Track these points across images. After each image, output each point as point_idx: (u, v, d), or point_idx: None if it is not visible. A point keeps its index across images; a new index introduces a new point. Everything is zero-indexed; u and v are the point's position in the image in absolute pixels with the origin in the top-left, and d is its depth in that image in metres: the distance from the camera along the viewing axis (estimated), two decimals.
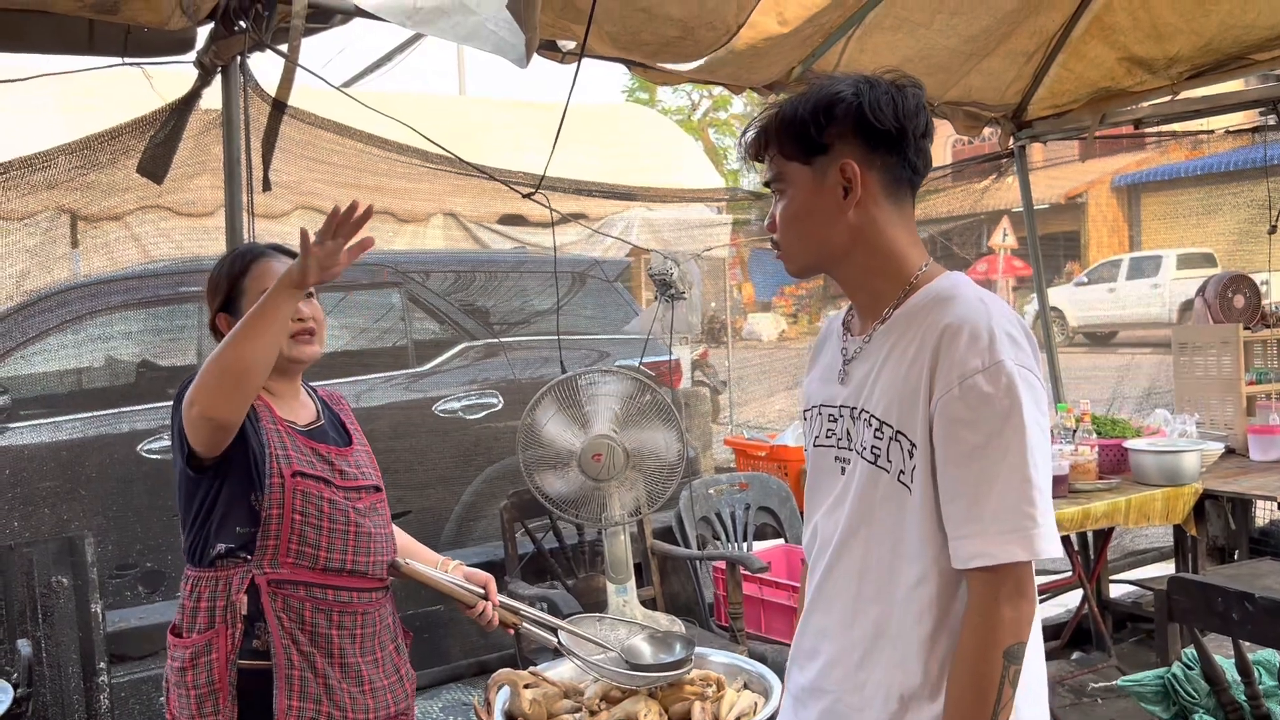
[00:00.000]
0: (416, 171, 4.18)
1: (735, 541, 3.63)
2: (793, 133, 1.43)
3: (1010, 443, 1.29)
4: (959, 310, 1.35)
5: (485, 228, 7.07)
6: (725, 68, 3.21)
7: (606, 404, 2.87)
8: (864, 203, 1.42)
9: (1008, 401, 1.29)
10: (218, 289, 2.12)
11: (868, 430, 1.41)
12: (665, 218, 7.40)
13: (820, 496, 1.52)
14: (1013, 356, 1.31)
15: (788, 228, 1.48)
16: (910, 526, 1.36)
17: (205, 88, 2.81)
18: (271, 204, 3.51)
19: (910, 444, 1.35)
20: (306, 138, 3.16)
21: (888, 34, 3.76)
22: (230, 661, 1.93)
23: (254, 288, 2.07)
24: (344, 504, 2.06)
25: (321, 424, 2.18)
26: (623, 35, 2.74)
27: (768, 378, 8.01)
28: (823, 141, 1.41)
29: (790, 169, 1.45)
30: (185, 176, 3.05)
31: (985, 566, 1.29)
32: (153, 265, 3.71)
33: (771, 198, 1.52)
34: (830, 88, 1.42)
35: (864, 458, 1.41)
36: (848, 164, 1.41)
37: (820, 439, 1.52)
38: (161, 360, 4.38)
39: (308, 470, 2.03)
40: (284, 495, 1.98)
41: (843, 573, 1.44)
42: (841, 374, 1.49)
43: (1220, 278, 4.63)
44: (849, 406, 1.46)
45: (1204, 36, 3.95)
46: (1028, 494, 1.29)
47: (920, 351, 1.36)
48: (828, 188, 1.42)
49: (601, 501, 3.00)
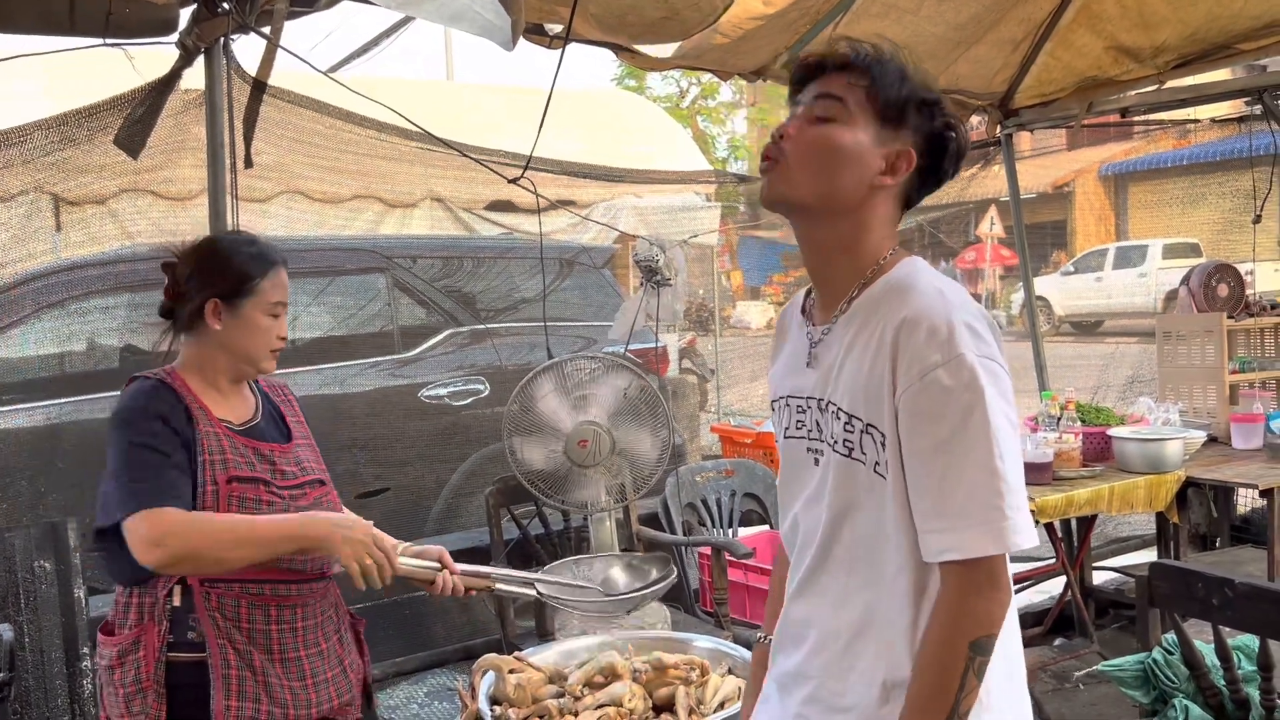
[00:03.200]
0: (402, 155, 4.17)
1: (721, 528, 3.63)
2: (894, 90, 1.39)
3: (976, 436, 1.27)
4: (916, 302, 1.33)
5: (472, 214, 7.03)
6: (711, 53, 3.19)
7: (604, 393, 2.87)
8: (888, 189, 1.41)
9: (970, 395, 1.27)
10: (224, 274, 2.04)
11: (837, 423, 1.40)
12: (654, 204, 7.38)
13: (796, 488, 1.50)
14: (973, 348, 1.29)
15: (812, 151, 1.39)
16: (890, 513, 1.36)
17: (186, 68, 2.79)
18: (254, 186, 3.50)
19: (881, 435, 1.34)
20: (287, 117, 3.15)
21: (875, 20, 3.75)
22: (158, 660, 1.90)
23: (267, 295, 2.04)
24: (280, 508, 1.99)
25: (258, 421, 2.12)
26: (608, 17, 2.73)
27: (751, 361, 8.02)
28: (906, 119, 1.40)
29: (859, 108, 1.39)
30: (165, 155, 3.02)
31: (955, 560, 1.28)
32: (132, 247, 3.68)
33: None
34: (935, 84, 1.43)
35: (836, 450, 1.40)
36: (909, 153, 1.40)
37: (790, 430, 1.50)
38: (146, 344, 4.36)
39: (244, 474, 1.98)
40: (217, 502, 1.92)
41: (834, 565, 1.42)
42: (808, 361, 1.47)
43: (1204, 267, 4.65)
44: (816, 398, 1.45)
45: (1191, 26, 3.95)
46: (995, 487, 1.27)
47: (880, 345, 1.34)
48: (875, 151, 1.39)
49: (582, 484, 3.00)
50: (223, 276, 2.03)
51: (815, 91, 1.40)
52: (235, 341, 2.04)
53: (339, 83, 3.11)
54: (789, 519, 1.53)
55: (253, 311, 2.03)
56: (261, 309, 2.04)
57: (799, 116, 1.41)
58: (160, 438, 1.91)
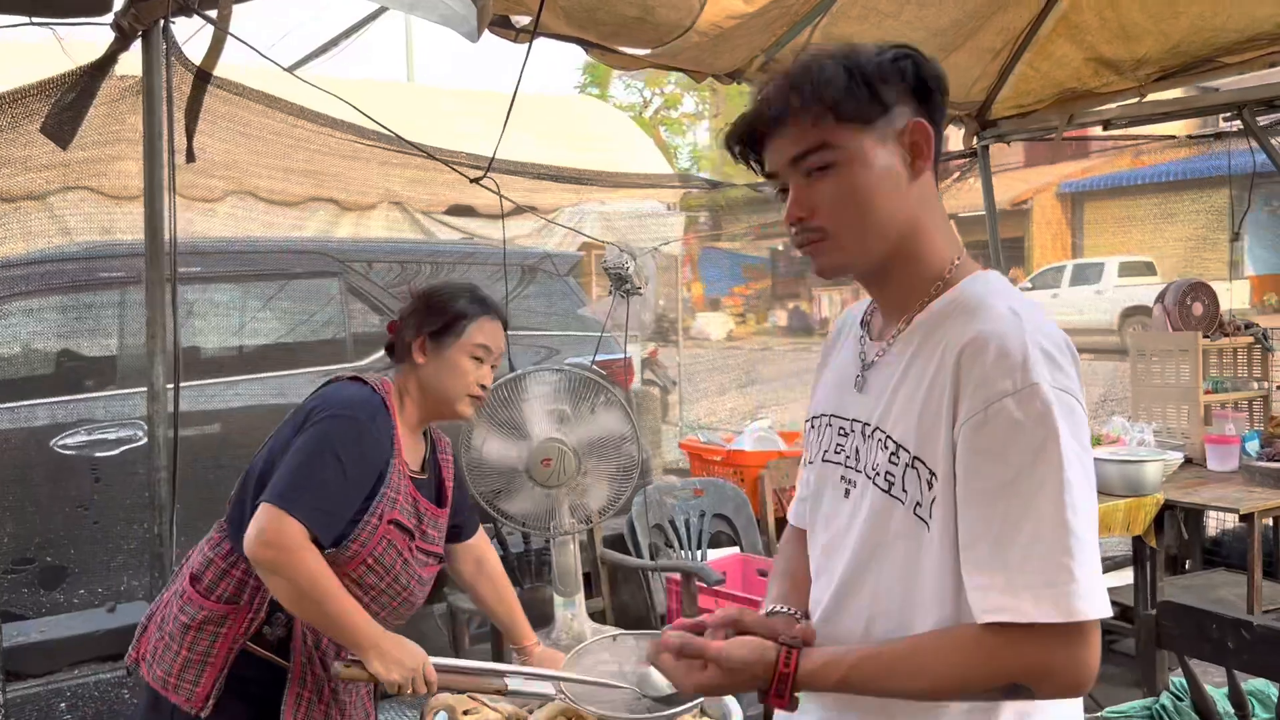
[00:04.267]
0: (358, 154, 3.96)
1: (689, 550, 3.46)
2: (851, 88, 1.19)
3: (1044, 480, 1.09)
4: (986, 322, 1.15)
5: (431, 217, 6.82)
6: (688, 51, 3.04)
7: (540, 405, 2.69)
8: (926, 173, 1.23)
9: (1042, 432, 1.09)
10: (437, 313, 2.12)
11: (881, 453, 1.22)
12: (618, 210, 7.21)
13: (823, 519, 1.33)
14: (1049, 378, 1.11)
15: (845, 208, 1.20)
16: (927, 568, 1.17)
17: (122, 52, 2.57)
18: (202, 184, 3.28)
19: (930, 473, 1.16)
20: (236, 111, 2.93)
21: (855, 24, 3.63)
22: (234, 646, 1.93)
23: (472, 337, 2.10)
24: (413, 568, 2.03)
25: (426, 476, 2.14)
26: (578, 11, 2.56)
27: (719, 374, 7.86)
28: (885, 100, 1.20)
29: (843, 135, 1.19)
30: (99, 148, 2.80)
31: (1005, 624, 1.09)
32: (68, 248, 3.45)
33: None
34: (867, 46, 1.22)
35: (876, 484, 1.22)
36: (919, 123, 1.21)
37: (830, 454, 1.33)
38: (84, 350, 4.11)
39: (402, 520, 2.00)
40: (372, 537, 1.94)
41: (848, 617, 1.24)
42: (858, 381, 1.30)
43: (1179, 285, 4.57)
44: (861, 421, 1.27)
45: (1172, 39, 3.87)
46: (1063, 541, 1.08)
47: (941, 369, 1.17)
48: (889, 155, 1.21)
49: (544, 504, 2.82)
50: (436, 315, 2.11)
51: (787, 155, 1.21)
52: (435, 379, 2.08)
53: (301, 79, 2.92)
54: (816, 544, 1.36)
55: (456, 353, 2.09)
56: (465, 350, 2.09)
57: (800, 187, 1.22)
58: (357, 464, 1.92)
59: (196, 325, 4.25)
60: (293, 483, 1.86)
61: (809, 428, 1.43)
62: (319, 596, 1.84)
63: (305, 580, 1.83)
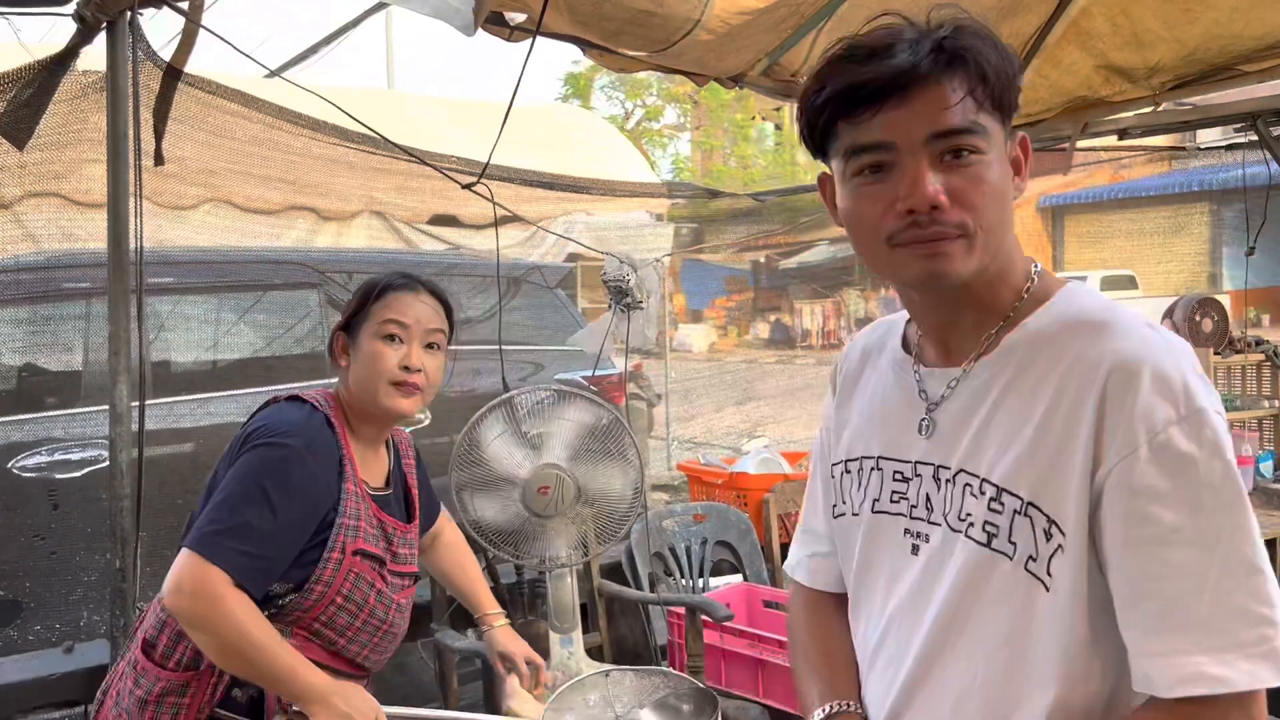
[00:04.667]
0: (341, 160, 3.78)
1: (690, 578, 3.28)
2: (1009, 81, 1.02)
3: (1224, 520, 0.92)
4: (1128, 342, 0.98)
5: (414, 227, 6.63)
6: (691, 52, 2.86)
7: (564, 429, 2.50)
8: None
9: (1219, 465, 0.92)
10: (350, 306, 1.91)
11: (975, 500, 1.03)
12: (608, 221, 7.04)
13: (880, 581, 1.14)
14: (1212, 404, 0.95)
15: (990, 206, 1.01)
16: (1044, 636, 0.98)
17: (85, 45, 2.37)
18: (167, 188, 3.07)
19: (1049, 522, 0.97)
20: (209, 112, 2.74)
21: (863, 27, 3.47)
22: (200, 717, 1.73)
23: (379, 316, 1.86)
24: (388, 596, 1.81)
25: (390, 491, 1.91)
26: (583, 6, 2.38)
27: (717, 390, 7.66)
28: (1015, 105, 1.04)
29: (990, 122, 1.02)
30: (59, 148, 2.59)
31: (1202, 696, 0.90)
32: (27, 256, 3.23)
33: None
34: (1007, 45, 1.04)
35: (969, 536, 1.03)
36: (1023, 138, 1.07)
37: (884, 503, 1.14)
38: (45, 365, 3.88)
39: (369, 548, 1.78)
40: (336, 574, 1.73)
41: (931, 699, 1.05)
42: (925, 422, 1.11)
43: (1189, 300, 4.44)
44: (932, 464, 1.09)
45: (1187, 46, 3.73)
46: (1259, 589, 0.91)
47: (1067, 397, 0.98)
48: (1007, 159, 1.05)
49: (540, 537, 2.62)
50: (347, 308, 1.91)
51: (927, 127, 0.99)
52: (356, 377, 1.86)
53: (287, 80, 2.74)
54: (863, 617, 1.16)
55: (366, 339, 1.85)
56: (372, 332, 1.85)
57: (932, 170, 1.00)
58: (291, 499, 1.68)
59: (168, 339, 4.04)
60: (214, 525, 1.64)
61: (842, 472, 1.22)
62: (248, 649, 1.63)
63: (231, 633, 1.62)
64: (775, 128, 28.52)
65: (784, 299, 25.07)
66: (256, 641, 1.63)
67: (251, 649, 1.62)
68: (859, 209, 1.06)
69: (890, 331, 1.24)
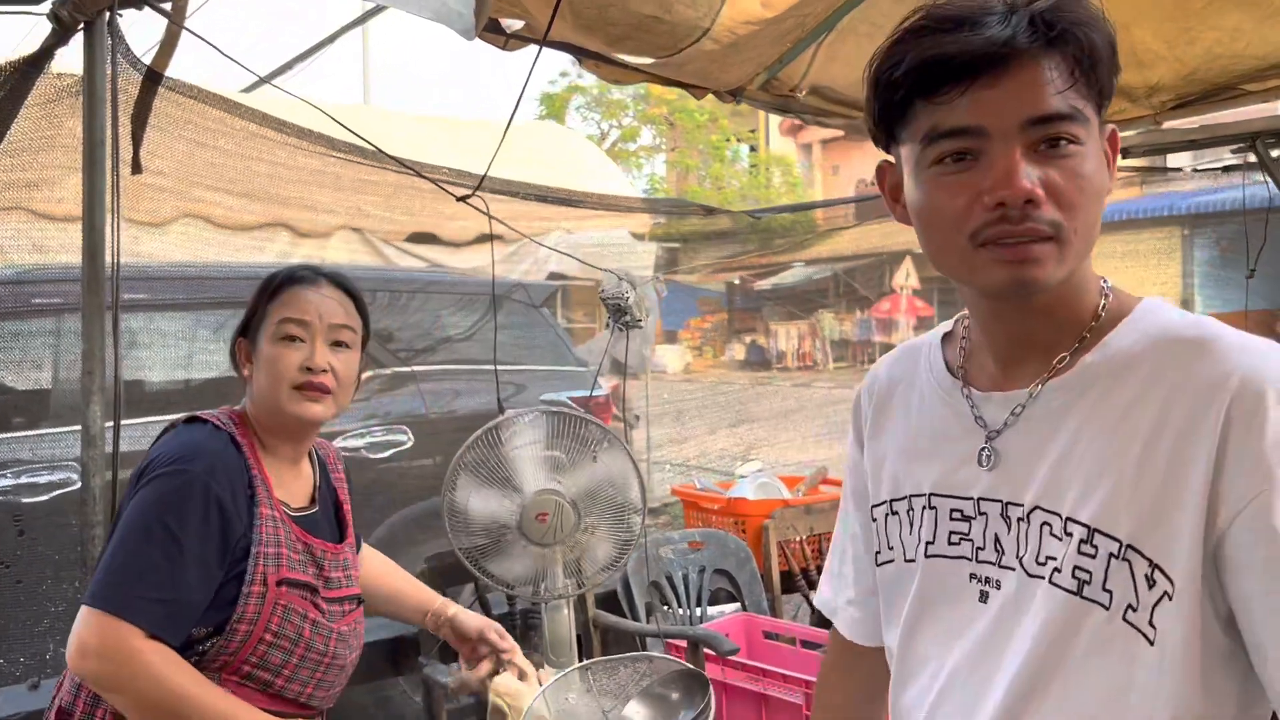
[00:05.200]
0: (324, 175, 3.66)
1: (688, 608, 3.16)
2: (1110, 63, 0.92)
3: None
4: (1242, 359, 0.87)
5: (392, 245, 6.50)
6: (695, 62, 2.77)
7: (530, 453, 2.38)
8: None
9: None
10: (248, 308, 1.77)
11: (1059, 543, 0.92)
12: (586, 240, 6.94)
13: (935, 633, 1.02)
14: None
15: (1086, 206, 0.90)
16: (1142, 694, 0.87)
17: (61, 46, 2.25)
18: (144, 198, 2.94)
19: (1152, 567, 0.87)
20: (188, 115, 2.61)
21: (863, 40, 3.39)
22: None
23: (276, 315, 1.67)
24: (326, 626, 1.63)
25: (315, 510, 1.72)
26: (588, 10, 2.28)
27: (711, 412, 7.55)
28: (1113, 90, 0.93)
29: (1089, 110, 0.91)
30: (30, 154, 2.46)
31: None
32: None
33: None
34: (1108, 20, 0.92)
35: (1054, 583, 0.91)
36: (1114, 130, 0.96)
37: (941, 546, 1.02)
38: (12, 383, 3.72)
39: (296, 576, 1.60)
40: (261, 609, 1.54)
41: None
42: (985, 452, 0.99)
43: None
44: (999, 500, 0.97)
45: (1188, 65, 3.70)
46: None
47: (1169, 425, 0.88)
48: (1103, 155, 0.94)
49: (536, 563, 2.50)
50: (247, 309, 1.76)
51: (1023, 110, 0.89)
52: (259, 386, 1.71)
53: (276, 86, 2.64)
54: (915, 675, 1.03)
55: (264, 341, 1.71)
56: (269, 335, 1.70)
57: (1025, 160, 0.89)
58: (198, 530, 1.51)
59: (139, 357, 3.88)
60: (113, 574, 1.48)
61: (886, 514, 1.10)
62: (176, 703, 1.45)
63: (152, 689, 1.45)
64: (750, 149, 28.62)
65: (759, 320, 25.10)
66: (183, 693, 1.46)
67: (179, 702, 1.45)
68: (937, 201, 0.94)
69: (921, 356, 1.12)
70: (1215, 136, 3.94)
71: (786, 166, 27.22)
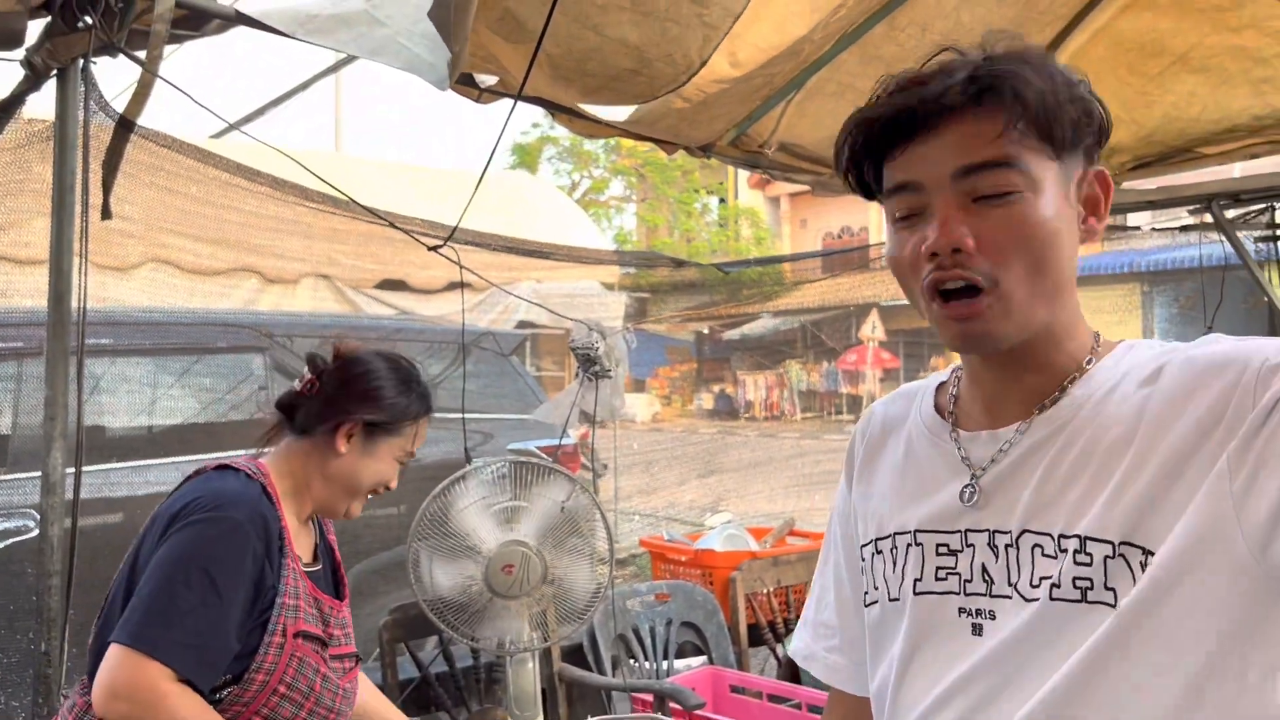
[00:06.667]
0: (296, 224, 3.66)
1: (655, 661, 3.13)
2: (1059, 101, 0.93)
3: None
4: (1186, 346, 0.94)
5: (361, 292, 6.49)
6: (666, 119, 2.82)
7: (536, 506, 2.37)
8: (1092, 236, 0.99)
9: None
10: (378, 401, 1.82)
11: (1054, 561, 0.92)
12: (554, 291, 6.97)
13: (925, 671, 1.01)
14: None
15: (1021, 253, 0.92)
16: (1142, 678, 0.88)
17: (33, 92, 2.25)
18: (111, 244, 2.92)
19: (1145, 554, 0.88)
20: (159, 162, 2.61)
21: (830, 100, 3.47)
22: None
23: (409, 441, 1.87)
24: (334, 682, 1.66)
25: (319, 567, 1.78)
26: (566, 62, 2.31)
27: (680, 464, 7.54)
28: (1082, 131, 0.95)
29: (1032, 158, 0.93)
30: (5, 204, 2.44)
31: None
32: None
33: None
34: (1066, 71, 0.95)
35: (1058, 599, 0.91)
36: (1103, 173, 0.98)
37: (928, 582, 1.02)
38: None
39: (310, 629, 1.63)
40: (279, 660, 1.56)
41: None
42: (968, 489, 1.00)
43: None
44: (990, 529, 0.98)
45: (1146, 128, 3.80)
46: None
47: (1152, 419, 0.91)
48: (1070, 196, 0.96)
49: (501, 618, 2.48)
50: (372, 404, 1.81)
51: (951, 163, 0.92)
52: (351, 473, 1.80)
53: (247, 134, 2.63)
54: (915, 709, 1.01)
55: (387, 451, 1.84)
56: (396, 451, 1.85)
57: (958, 211, 0.92)
58: (233, 578, 1.54)
59: (101, 402, 3.83)
60: (150, 615, 1.48)
61: (872, 554, 1.10)
62: None
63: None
64: (720, 201, 28.93)
65: (727, 370, 25.20)
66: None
67: None
68: (897, 253, 0.99)
69: (914, 399, 1.14)
70: (1173, 198, 4.04)
71: (755, 219, 27.54)
